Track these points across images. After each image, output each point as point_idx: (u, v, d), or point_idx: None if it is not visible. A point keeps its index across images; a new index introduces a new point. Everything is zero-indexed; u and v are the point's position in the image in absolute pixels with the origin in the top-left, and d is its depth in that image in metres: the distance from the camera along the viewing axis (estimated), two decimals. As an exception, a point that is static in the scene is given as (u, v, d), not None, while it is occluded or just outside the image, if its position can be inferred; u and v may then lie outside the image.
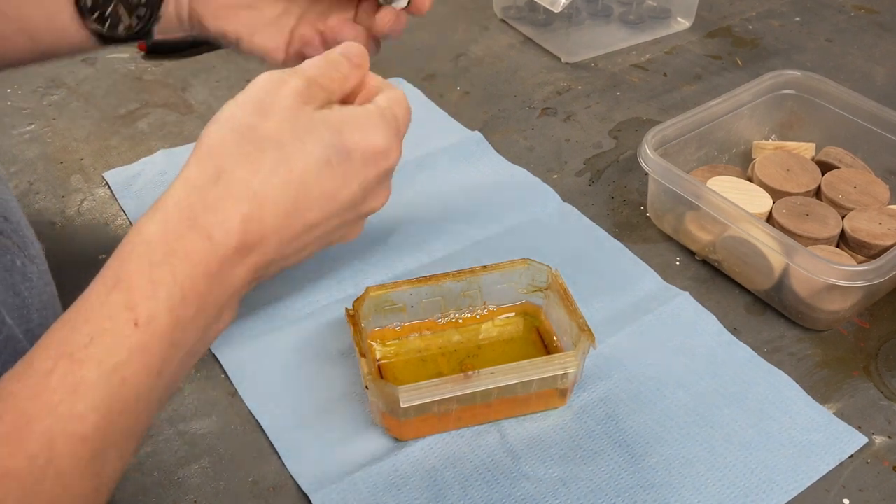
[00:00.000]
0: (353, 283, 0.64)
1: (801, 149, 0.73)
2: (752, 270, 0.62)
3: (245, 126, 0.43)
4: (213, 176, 0.42)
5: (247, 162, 0.42)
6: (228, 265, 0.42)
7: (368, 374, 0.50)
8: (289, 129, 0.44)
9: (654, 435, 0.54)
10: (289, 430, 0.54)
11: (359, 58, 0.49)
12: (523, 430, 0.54)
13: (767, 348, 0.60)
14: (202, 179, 0.42)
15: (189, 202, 0.41)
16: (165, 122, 0.83)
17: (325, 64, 0.47)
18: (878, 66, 0.91)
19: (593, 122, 0.83)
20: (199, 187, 0.42)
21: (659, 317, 0.61)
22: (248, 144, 0.43)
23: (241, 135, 0.43)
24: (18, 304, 0.46)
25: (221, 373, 0.58)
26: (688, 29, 0.98)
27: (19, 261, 0.47)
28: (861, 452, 0.53)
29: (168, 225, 0.41)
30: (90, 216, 0.72)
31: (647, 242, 0.69)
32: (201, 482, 0.52)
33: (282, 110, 0.44)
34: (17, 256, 0.47)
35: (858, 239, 0.63)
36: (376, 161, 0.46)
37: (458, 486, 0.51)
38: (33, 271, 0.48)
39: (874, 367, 0.59)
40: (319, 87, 0.46)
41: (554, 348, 0.57)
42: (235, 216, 0.42)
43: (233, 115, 0.44)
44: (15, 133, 0.82)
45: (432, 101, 0.84)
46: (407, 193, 0.72)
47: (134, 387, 0.39)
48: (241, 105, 0.44)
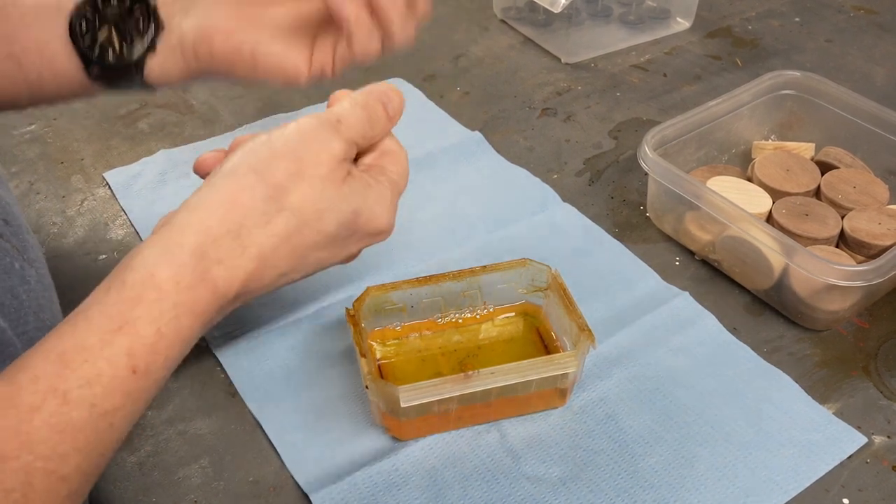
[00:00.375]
0: (353, 283, 0.64)
1: (801, 149, 0.73)
2: (751, 270, 0.62)
3: (276, 185, 0.44)
4: (233, 231, 0.43)
5: (267, 223, 0.44)
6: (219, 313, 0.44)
7: (368, 374, 0.50)
8: (312, 204, 0.45)
9: (654, 435, 0.54)
10: (289, 430, 0.54)
11: (395, 111, 0.50)
12: (523, 430, 0.54)
13: (767, 348, 0.60)
14: (222, 230, 0.43)
15: (204, 251, 0.42)
16: (166, 123, 0.83)
17: (366, 123, 0.48)
18: (877, 66, 0.91)
19: (593, 122, 0.83)
20: (216, 238, 0.43)
21: (659, 317, 0.61)
22: (273, 205, 0.44)
23: (270, 194, 0.44)
24: (15, 306, 0.46)
25: (221, 373, 0.58)
26: (687, 29, 0.98)
27: (17, 264, 0.47)
28: (860, 452, 0.53)
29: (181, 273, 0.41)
30: (91, 216, 0.72)
31: (646, 242, 0.69)
32: (201, 482, 0.52)
33: (315, 179, 0.45)
34: (16, 259, 0.47)
35: (858, 239, 0.63)
36: (372, 238, 0.50)
37: (458, 486, 0.51)
38: (32, 275, 0.48)
39: (874, 366, 0.59)
40: (356, 146, 0.48)
41: (554, 348, 0.57)
42: (241, 274, 0.43)
43: (267, 165, 0.44)
44: (15, 133, 0.82)
45: (432, 102, 0.84)
46: (407, 193, 0.72)
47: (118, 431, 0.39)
48: (279, 156, 0.45)
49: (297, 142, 0.45)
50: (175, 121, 0.83)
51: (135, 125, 0.82)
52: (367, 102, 0.49)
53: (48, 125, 0.82)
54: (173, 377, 0.58)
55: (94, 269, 0.42)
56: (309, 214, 0.45)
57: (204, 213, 0.43)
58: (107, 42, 0.54)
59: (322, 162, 0.45)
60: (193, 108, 0.85)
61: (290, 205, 0.44)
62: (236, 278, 0.43)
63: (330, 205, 0.46)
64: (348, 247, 0.49)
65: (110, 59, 0.53)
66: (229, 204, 0.43)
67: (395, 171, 0.50)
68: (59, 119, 0.83)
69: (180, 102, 0.85)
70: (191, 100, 0.86)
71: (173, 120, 0.83)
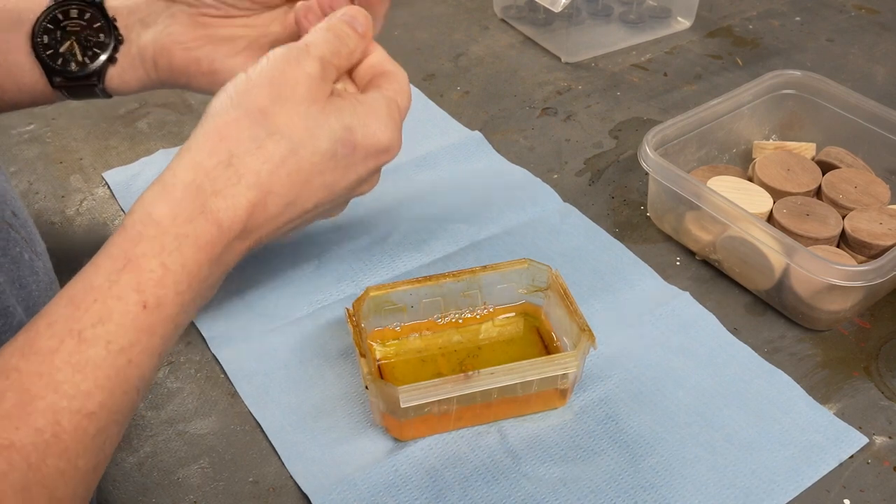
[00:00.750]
0: (353, 283, 0.64)
1: (802, 149, 0.73)
2: (752, 270, 0.62)
3: (258, 110, 0.44)
4: (224, 160, 0.43)
5: (257, 149, 0.43)
6: (228, 249, 0.43)
7: (368, 374, 0.50)
8: (301, 123, 0.45)
9: (655, 435, 0.54)
10: (289, 431, 0.54)
11: (364, 27, 0.49)
12: (523, 431, 0.54)
13: (768, 348, 0.60)
14: (212, 162, 0.43)
15: (198, 185, 0.42)
16: (165, 122, 0.83)
17: (335, 39, 0.48)
18: (878, 65, 0.91)
19: (593, 121, 0.83)
20: (209, 170, 0.42)
21: (659, 317, 0.61)
22: (261, 130, 0.44)
23: (254, 120, 0.44)
24: (25, 296, 0.46)
25: (221, 373, 0.58)
26: (688, 29, 0.97)
27: (27, 255, 0.48)
28: (861, 453, 0.53)
29: (178, 208, 0.41)
30: (90, 216, 0.72)
31: (647, 242, 0.69)
32: (201, 482, 0.52)
33: (296, 99, 0.45)
34: (25, 251, 0.48)
35: (859, 239, 0.63)
36: (377, 156, 0.48)
37: (458, 487, 0.51)
38: (40, 266, 0.49)
39: (875, 367, 0.59)
40: (332, 66, 0.47)
41: (554, 348, 0.57)
42: (243, 203, 0.43)
43: (247, 94, 0.44)
44: (14, 133, 0.82)
45: (432, 102, 0.84)
46: (407, 193, 0.72)
47: (138, 367, 0.40)
48: (256, 85, 0.45)
49: (270, 69, 0.45)
50: (174, 120, 0.83)
51: (134, 125, 0.82)
52: (330, 24, 0.49)
53: (47, 125, 0.82)
54: (172, 377, 0.58)
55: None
56: (299, 135, 0.44)
57: (194, 151, 0.43)
58: (69, 54, 0.56)
59: (299, 82, 0.45)
60: (192, 108, 0.84)
61: (276, 128, 0.44)
62: (239, 207, 0.42)
63: (317, 122, 0.45)
64: (355, 167, 0.47)
65: (73, 70, 0.56)
66: (217, 137, 0.43)
67: (392, 88, 0.49)
68: (58, 119, 0.83)
69: (179, 102, 0.85)
70: (190, 99, 0.86)
71: (172, 119, 0.83)
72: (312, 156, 0.45)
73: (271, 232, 0.46)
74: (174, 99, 0.86)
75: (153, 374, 0.42)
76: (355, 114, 0.47)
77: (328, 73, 0.47)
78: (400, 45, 0.93)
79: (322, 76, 0.46)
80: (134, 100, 0.85)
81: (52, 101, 0.59)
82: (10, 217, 0.48)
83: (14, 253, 0.47)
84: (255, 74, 0.45)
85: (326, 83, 0.47)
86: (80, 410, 0.37)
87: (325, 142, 0.45)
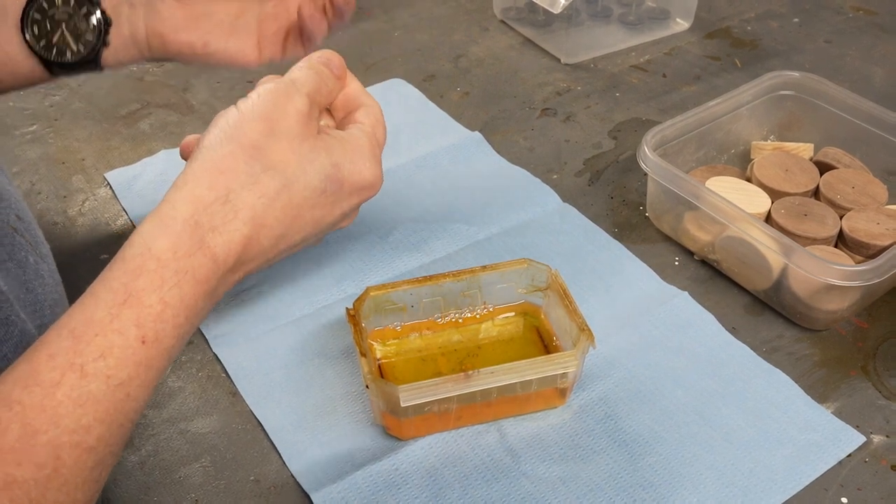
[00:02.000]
0: (353, 283, 0.64)
1: (800, 149, 0.73)
2: (750, 270, 0.63)
3: (254, 146, 0.45)
4: (222, 196, 0.44)
5: (253, 185, 0.45)
6: (222, 282, 0.44)
7: (369, 374, 0.50)
8: (294, 158, 0.46)
9: (654, 434, 0.54)
10: (289, 430, 0.55)
11: (340, 69, 0.52)
12: (523, 430, 0.54)
13: (766, 348, 0.60)
14: (211, 198, 0.44)
15: (197, 220, 0.43)
16: (167, 123, 0.83)
17: (317, 77, 0.50)
18: (876, 67, 0.91)
19: (593, 122, 0.83)
20: (207, 206, 0.43)
21: (658, 317, 0.62)
22: (256, 165, 0.45)
23: (251, 155, 0.45)
24: (31, 300, 0.47)
25: (222, 372, 0.59)
26: (687, 30, 0.98)
27: (32, 258, 0.48)
28: (859, 451, 0.53)
29: (178, 242, 0.42)
30: (92, 216, 0.72)
31: (646, 242, 0.69)
32: (202, 481, 0.52)
33: (289, 135, 0.46)
34: (30, 254, 0.48)
35: (856, 239, 0.63)
36: (361, 192, 0.50)
37: (458, 486, 0.51)
38: (45, 269, 0.49)
39: (872, 366, 0.59)
40: (316, 104, 0.49)
41: (553, 348, 0.58)
42: (238, 238, 0.44)
43: (241, 130, 0.46)
44: (17, 134, 0.82)
45: (432, 102, 0.85)
46: (407, 193, 0.73)
47: (135, 401, 0.40)
48: (251, 121, 0.46)
49: (262, 104, 0.46)
50: (176, 121, 0.83)
51: (136, 125, 0.83)
52: (310, 64, 0.50)
53: (49, 125, 0.83)
54: (174, 376, 0.58)
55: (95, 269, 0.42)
56: (292, 170, 0.46)
57: (192, 185, 0.44)
58: (62, 43, 0.57)
59: (291, 117, 0.46)
60: (194, 108, 0.85)
61: (271, 163, 0.45)
62: (233, 243, 0.43)
63: (308, 158, 0.46)
64: (340, 203, 0.49)
65: (69, 59, 0.57)
66: (214, 172, 0.44)
67: (369, 122, 0.51)
68: (60, 119, 0.83)
69: (181, 102, 0.86)
70: (191, 100, 0.86)
71: (174, 120, 0.83)
72: (304, 190, 0.46)
73: (261, 264, 0.47)
74: (176, 100, 0.86)
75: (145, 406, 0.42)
76: (343, 151, 0.48)
77: (315, 111, 0.49)
78: (400, 45, 0.94)
79: (310, 113, 0.48)
80: (136, 100, 0.86)
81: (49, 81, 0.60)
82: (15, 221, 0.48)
83: (20, 257, 0.47)
84: (248, 109, 0.46)
85: (314, 120, 0.48)
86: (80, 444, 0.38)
87: (315, 178, 0.47)
